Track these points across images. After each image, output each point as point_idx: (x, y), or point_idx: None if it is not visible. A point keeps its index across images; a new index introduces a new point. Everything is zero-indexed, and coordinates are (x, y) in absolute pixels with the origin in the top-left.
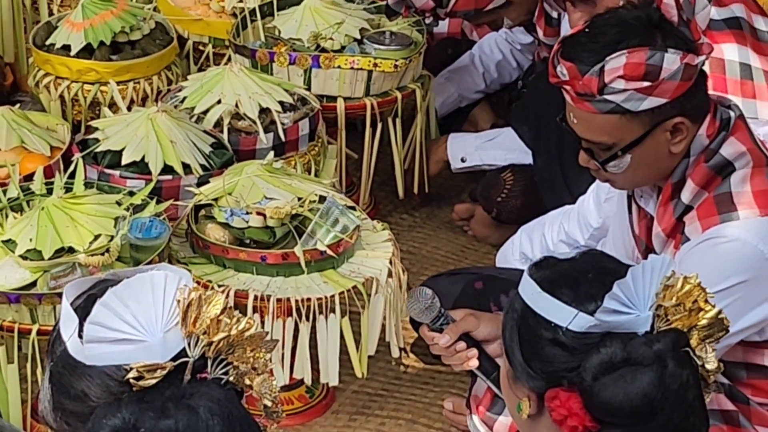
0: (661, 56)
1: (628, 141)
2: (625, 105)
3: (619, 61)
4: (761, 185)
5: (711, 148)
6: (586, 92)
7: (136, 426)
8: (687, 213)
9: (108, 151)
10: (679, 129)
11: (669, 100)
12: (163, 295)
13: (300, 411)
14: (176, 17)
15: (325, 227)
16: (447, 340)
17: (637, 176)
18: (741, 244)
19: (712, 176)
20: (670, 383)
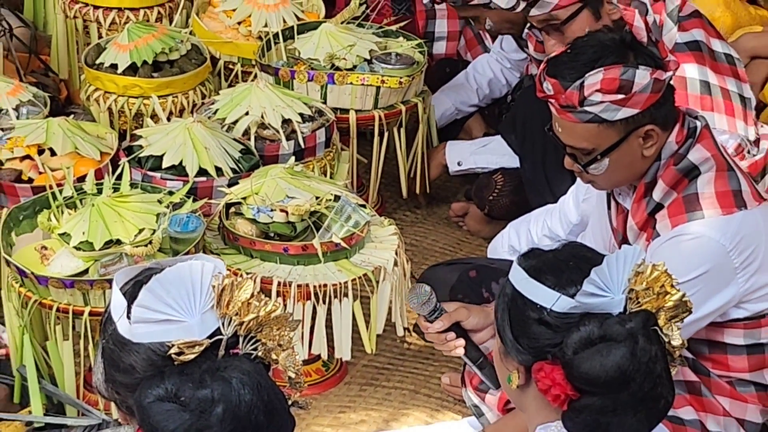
0: (633, 72)
1: (605, 146)
2: (603, 115)
3: (596, 77)
4: (723, 187)
5: (680, 153)
6: (568, 104)
7: (177, 395)
8: (658, 210)
9: (150, 156)
10: (651, 135)
11: (641, 110)
12: (201, 281)
13: (317, 382)
14: (209, 40)
15: (339, 222)
16: (439, 326)
17: (615, 177)
18: (705, 240)
19: (680, 178)
20: (641, 357)
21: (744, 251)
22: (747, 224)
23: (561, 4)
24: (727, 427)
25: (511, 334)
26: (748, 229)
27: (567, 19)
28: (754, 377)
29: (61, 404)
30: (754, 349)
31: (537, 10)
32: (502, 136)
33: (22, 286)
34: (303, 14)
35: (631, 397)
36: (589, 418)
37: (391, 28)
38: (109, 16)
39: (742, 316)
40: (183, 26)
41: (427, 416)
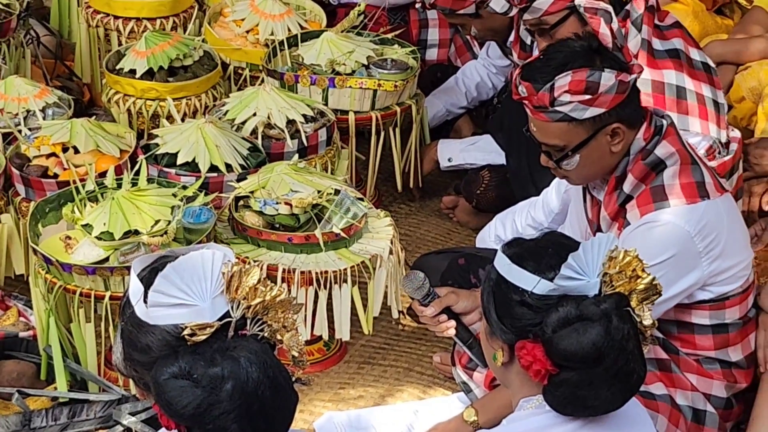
0: (599, 74)
1: (575, 143)
2: (572, 114)
3: (565, 79)
4: (687, 179)
5: (647, 149)
6: (540, 105)
7: (190, 372)
8: (628, 201)
9: (166, 153)
10: (617, 133)
11: (607, 109)
12: (211, 268)
13: (319, 361)
14: (220, 47)
15: (339, 214)
16: (431, 311)
17: (586, 172)
18: (672, 227)
19: (648, 172)
20: (615, 335)
21: (707, 237)
22: (709, 212)
23: (550, 10)
24: (694, 401)
25: (495, 315)
26: (711, 217)
27: (556, 24)
28: (719, 355)
29: (84, 381)
30: (719, 329)
31: (528, 15)
32: (489, 134)
33: (48, 272)
34: (306, 23)
35: (606, 372)
36: (567, 392)
37: (387, 36)
38: (129, 25)
39: (708, 298)
40: (196, 34)
41: (419, 392)
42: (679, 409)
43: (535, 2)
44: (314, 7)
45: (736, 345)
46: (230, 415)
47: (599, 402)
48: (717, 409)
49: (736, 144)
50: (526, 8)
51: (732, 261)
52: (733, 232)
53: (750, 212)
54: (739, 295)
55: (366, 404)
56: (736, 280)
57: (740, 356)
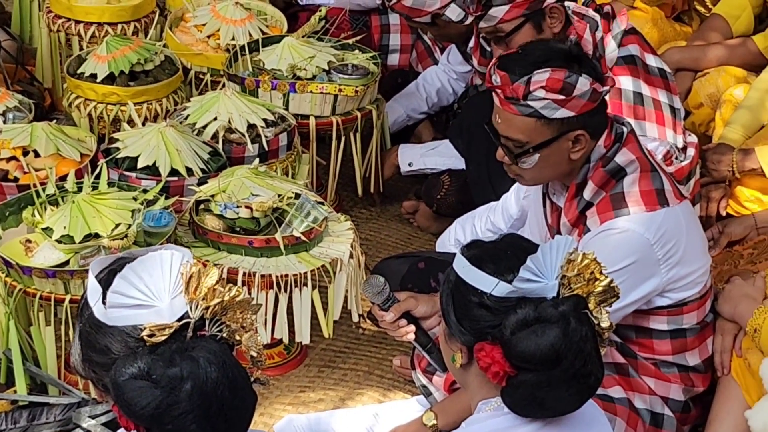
0: (576, 78)
1: (538, 141)
2: (542, 111)
3: (543, 75)
4: (647, 186)
5: (607, 156)
6: (513, 97)
7: (149, 373)
8: (588, 208)
9: (126, 157)
10: (579, 140)
11: (576, 114)
12: (170, 269)
13: (279, 364)
14: (181, 52)
15: (300, 218)
16: (391, 317)
17: (541, 174)
18: (631, 234)
19: (608, 179)
20: (572, 337)
21: (666, 244)
22: (669, 220)
23: (505, 18)
24: (652, 404)
25: (454, 317)
26: (670, 225)
27: (511, 32)
28: (676, 359)
29: (44, 384)
30: (676, 334)
31: (484, 23)
32: (449, 140)
33: (8, 275)
34: (267, 29)
35: (564, 374)
36: (525, 393)
37: (348, 41)
38: (90, 30)
39: (666, 304)
40: (157, 39)
41: (379, 395)
42: (637, 413)
43: (491, 10)
44: (275, 12)
45: (693, 350)
46: (189, 415)
47: (557, 403)
48: (675, 413)
49: (693, 149)
50: (481, 16)
51: (690, 268)
52: (692, 239)
53: (708, 217)
54: (697, 300)
55: (326, 407)
56: (694, 286)
57: (698, 360)
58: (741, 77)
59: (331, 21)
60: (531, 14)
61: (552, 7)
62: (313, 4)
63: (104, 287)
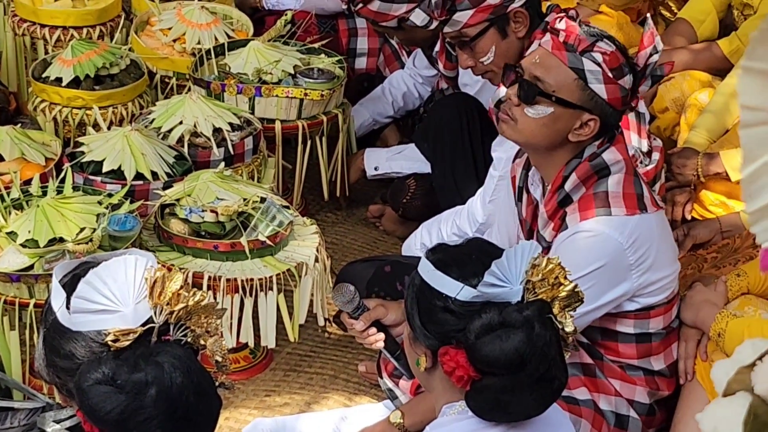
0: (627, 71)
1: (564, 97)
2: (588, 75)
3: (609, 46)
4: (630, 189)
5: (596, 152)
6: (573, 44)
7: (114, 378)
8: (567, 202)
9: (92, 161)
10: (588, 126)
11: (606, 100)
12: (134, 274)
13: (245, 368)
14: (147, 56)
15: (265, 222)
16: (361, 326)
17: (536, 131)
18: (604, 237)
19: (591, 174)
20: (537, 341)
21: (638, 250)
22: (642, 226)
23: (470, 22)
24: (617, 406)
25: (419, 321)
26: (643, 230)
27: (475, 37)
28: (641, 363)
29: (8, 389)
30: (642, 338)
31: (449, 28)
32: (415, 144)
33: None
34: (233, 33)
35: (528, 378)
36: (489, 397)
37: (314, 45)
38: (55, 34)
39: (633, 308)
40: (123, 43)
41: (345, 399)
42: (602, 414)
43: (455, 15)
44: (241, 16)
45: (659, 354)
46: (154, 420)
47: (521, 408)
48: (640, 416)
49: (659, 153)
50: (446, 21)
51: (661, 274)
52: (663, 246)
53: (673, 221)
54: (664, 305)
55: (292, 411)
56: (663, 291)
57: (663, 365)
58: (706, 81)
59: (298, 25)
60: (495, 19)
61: (516, 12)
62: (279, 9)
63: (68, 292)
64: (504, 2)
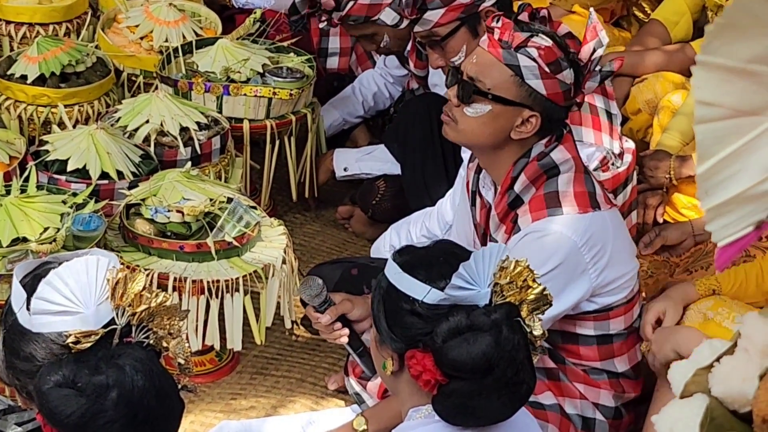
0: (566, 66)
1: (501, 94)
2: (524, 70)
3: (544, 41)
4: (581, 188)
5: (544, 152)
6: (507, 42)
7: (74, 381)
8: (518, 204)
9: (56, 160)
10: (530, 122)
11: (545, 96)
12: (96, 274)
13: (211, 371)
14: (114, 53)
15: (232, 223)
16: (327, 320)
17: (477, 130)
18: (558, 236)
19: (540, 174)
20: (505, 345)
21: (593, 248)
22: (596, 223)
23: (440, 22)
24: (583, 409)
25: (385, 324)
26: (597, 228)
27: (446, 36)
28: (604, 365)
29: None
30: (603, 340)
31: (419, 27)
32: (385, 145)
33: None
34: (201, 31)
35: (496, 382)
36: (456, 401)
37: (283, 44)
38: (21, 31)
39: (592, 309)
40: (89, 40)
41: (312, 403)
42: (568, 418)
43: (426, 14)
44: (209, 13)
45: (621, 356)
46: (115, 424)
47: (489, 412)
48: (607, 419)
49: (630, 155)
50: (416, 20)
51: (618, 272)
52: (619, 244)
53: (645, 224)
54: (624, 305)
55: (258, 415)
56: (621, 290)
57: (627, 367)
58: (679, 83)
59: (269, 23)
60: (466, 18)
61: (488, 11)
62: (249, 7)
63: (29, 293)
64: (475, 1)
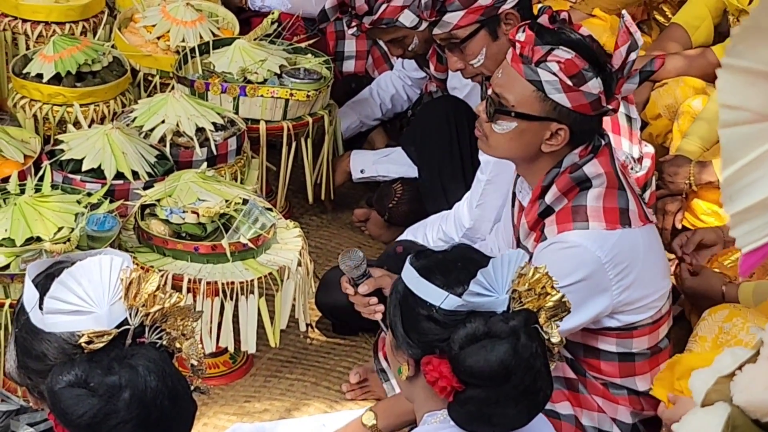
0: (592, 76)
1: (524, 111)
2: (545, 85)
3: (566, 54)
4: (611, 204)
5: (577, 164)
6: (528, 56)
7: (87, 381)
8: (548, 213)
9: (71, 159)
10: (558, 135)
11: (571, 107)
12: (109, 274)
13: (225, 374)
14: (130, 53)
15: (247, 224)
16: (365, 289)
17: (507, 146)
18: (582, 250)
19: (572, 186)
20: (522, 353)
21: (618, 265)
22: (624, 241)
23: (460, 24)
24: (600, 422)
25: (402, 329)
26: (625, 246)
27: (465, 38)
28: (625, 382)
29: None
30: (625, 358)
31: (438, 30)
32: (402, 147)
33: None
34: (219, 31)
35: (513, 390)
36: (473, 409)
37: (301, 45)
38: (37, 30)
39: (615, 326)
40: (106, 40)
41: (326, 407)
42: (583, 430)
43: (445, 16)
44: (227, 14)
45: (644, 375)
46: (127, 424)
47: (505, 420)
48: None
49: (650, 160)
50: (435, 22)
51: (645, 292)
52: (650, 263)
53: (663, 230)
54: (649, 325)
55: (271, 418)
56: (647, 310)
57: (648, 386)
58: (700, 88)
59: (285, 25)
60: (486, 20)
61: (507, 13)
62: (265, 9)
63: (41, 292)
64: (495, 3)
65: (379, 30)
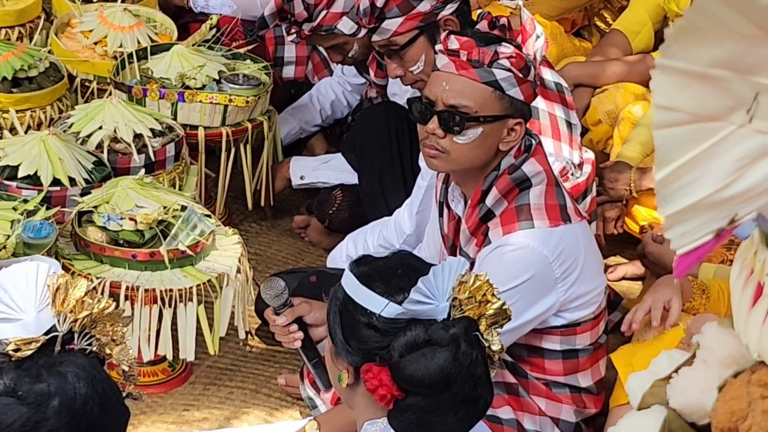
0: (531, 65)
1: (487, 113)
2: (502, 83)
3: (509, 49)
4: (552, 200)
5: (515, 165)
6: (479, 60)
7: (15, 389)
8: (490, 218)
9: (7, 165)
10: (515, 130)
11: (523, 100)
12: (36, 280)
13: (163, 382)
14: (67, 58)
15: (186, 231)
16: (283, 320)
17: (472, 154)
18: (529, 250)
19: (512, 187)
20: (463, 360)
21: (564, 262)
22: (568, 237)
23: (399, 30)
24: (542, 425)
25: (341, 336)
26: (568, 242)
27: (405, 45)
28: (568, 380)
29: None
30: (569, 355)
31: (377, 36)
32: (342, 153)
33: None
34: (156, 36)
35: (453, 398)
36: (413, 417)
37: (240, 51)
38: None
39: (560, 324)
40: (42, 45)
41: (266, 415)
42: None
43: (384, 23)
44: (165, 19)
45: (585, 370)
46: None
47: (445, 428)
48: None
49: (590, 166)
50: (374, 29)
51: (587, 287)
52: (590, 258)
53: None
54: (591, 321)
55: (211, 426)
56: (589, 306)
57: (590, 382)
58: (640, 94)
59: (224, 30)
60: (425, 27)
61: (447, 19)
62: (205, 14)
63: None
64: (434, 9)
65: (319, 37)
